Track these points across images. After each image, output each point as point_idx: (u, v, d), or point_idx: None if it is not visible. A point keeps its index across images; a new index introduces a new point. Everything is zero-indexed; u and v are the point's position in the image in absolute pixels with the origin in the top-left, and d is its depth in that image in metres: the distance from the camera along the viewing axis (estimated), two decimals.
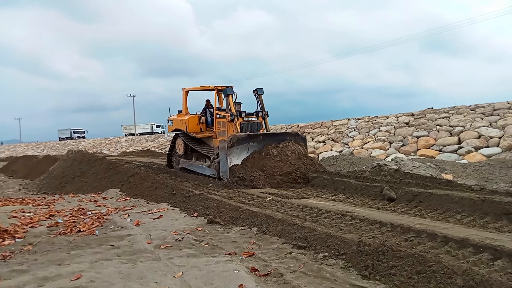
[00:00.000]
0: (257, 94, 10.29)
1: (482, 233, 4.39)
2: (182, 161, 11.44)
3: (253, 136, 9.01)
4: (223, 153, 8.75)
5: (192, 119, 11.32)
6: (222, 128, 10.36)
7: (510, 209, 5.06)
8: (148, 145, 28.03)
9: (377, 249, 3.82)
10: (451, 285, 3.11)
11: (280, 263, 4.10)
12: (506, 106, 14.34)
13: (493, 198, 5.46)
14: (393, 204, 6.26)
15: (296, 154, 9.24)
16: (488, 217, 5.11)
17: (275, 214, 5.60)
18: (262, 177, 8.35)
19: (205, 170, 9.93)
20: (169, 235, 5.31)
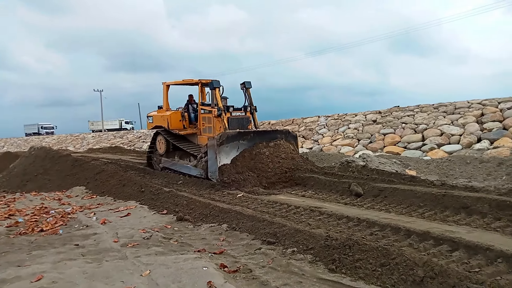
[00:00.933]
0: (244, 88, 9.73)
1: (442, 226, 4.60)
2: (164, 160, 10.72)
3: (244, 133, 8.50)
4: (212, 151, 8.18)
5: (174, 115, 10.61)
6: (207, 124, 9.71)
7: (468, 203, 5.33)
8: (116, 141, 27.29)
9: (343, 243, 3.91)
10: (412, 276, 3.24)
11: (250, 259, 4.12)
12: (466, 105, 15.02)
13: (452, 192, 5.73)
14: (360, 199, 6.43)
15: (289, 154, 8.81)
16: (448, 210, 5.35)
17: (245, 211, 5.61)
18: (253, 177, 7.87)
19: (190, 170, 9.31)
20: (136, 233, 5.21)
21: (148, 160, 11.76)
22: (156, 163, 11.25)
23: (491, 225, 4.64)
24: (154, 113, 11.39)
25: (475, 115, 14.00)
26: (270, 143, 8.67)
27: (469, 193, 5.68)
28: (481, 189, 6.19)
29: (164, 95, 11.10)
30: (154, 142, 11.33)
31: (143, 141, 24.45)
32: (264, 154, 8.37)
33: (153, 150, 11.50)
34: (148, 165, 11.64)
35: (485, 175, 7.84)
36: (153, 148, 11.45)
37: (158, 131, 11.03)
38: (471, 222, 4.80)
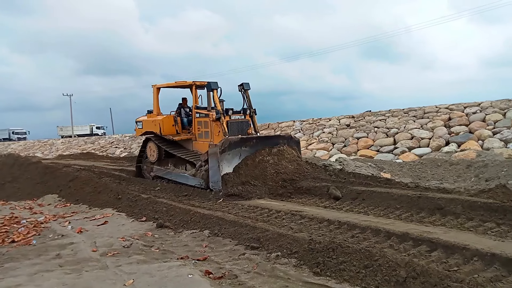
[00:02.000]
0: (243, 90, 9.12)
1: (420, 227, 4.76)
2: (156, 168, 9.96)
3: (246, 139, 8.00)
4: (213, 160, 7.57)
5: (167, 119, 9.91)
6: (203, 129, 9.02)
7: (442, 204, 5.54)
8: (87, 147, 26.50)
9: (327, 246, 3.97)
10: (395, 277, 3.33)
11: (234, 265, 4.11)
12: (434, 109, 15.64)
13: (427, 194, 5.94)
14: (338, 203, 6.55)
15: (295, 161, 8.26)
16: (424, 212, 5.54)
17: (226, 216, 5.60)
18: (259, 187, 7.34)
19: (188, 179, 8.61)
20: (116, 242, 5.07)
21: (137, 168, 10.96)
22: (147, 172, 10.55)
23: (464, 225, 4.85)
24: (143, 118, 10.70)
25: (443, 119, 14.59)
26: (272, 149, 8.13)
27: (442, 195, 5.91)
28: (452, 191, 6.46)
29: (154, 99, 10.41)
30: (144, 149, 10.60)
31: (115, 147, 23.89)
32: (268, 162, 7.84)
33: (142, 157, 10.78)
34: (138, 174, 10.81)
35: (455, 177, 8.19)
36: (143, 156, 10.76)
37: (148, 137, 10.32)
38: (446, 223, 5.00)
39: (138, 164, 10.97)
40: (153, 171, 10.06)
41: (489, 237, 4.31)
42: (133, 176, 10.63)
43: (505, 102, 13.36)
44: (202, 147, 8.79)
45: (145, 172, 10.64)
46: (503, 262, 3.46)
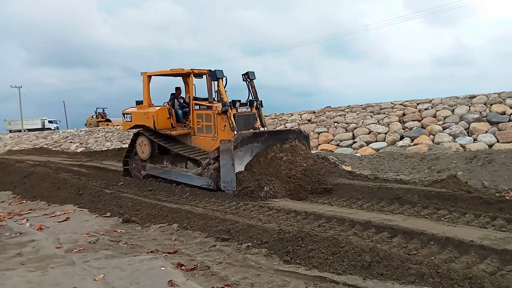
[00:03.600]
0: (248, 79, 8.27)
1: (381, 216, 5.05)
2: (149, 167, 8.84)
3: (258, 134, 7.30)
4: (226, 157, 6.77)
5: (162, 112, 8.77)
6: (205, 122, 8.08)
7: (400, 194, 5.90)
8: (39, 142, 25.07)
9: (296, 236, 4.12)
10: (361, 261, 3.53)
11: (205, 256, 4.15)
12: (390, 106, 16.40)
13: (386, 185, 6.30)
14: (303, 195, 6.73)
15: (310, 157, 7.60)
16: (384, 201, 5.87)
17: (195, 210, 5.61)
18: (277, 186, 6.57)
19: (192, 179, 7.61)
20: (81, 238, 4.94)
21: (125, 166, 9.73)
22: (136, 170, 9.40)
23: (420, 213, 5.21)
24: (132, 110, 9.45)
25: (398, 115, 15.34)
26: (284, 145, 7.48)
27: (400, 185, 6.29)
28: (409, 182, 6.88)
29: (145, 88, 9.18)
30: (133, 145, 9.47)
31: (71, 142, 22.80)
32: (281, 159, 7.17)
33: (131, 154, 9.64)
34: (125, 173, 9.65)
35: (410, 169, 8.71)
36: (131, 152, 9.61)
37: (139, 131, 9.17)
38: (404, 211, 5.34)
39: (126, 160, 9.75)
40: (146, 169, 8.94)
41: (443, 223, 4.67)
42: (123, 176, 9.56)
43: (454, 99, 14.28)
44: (203, 142, 8.11)
45: (134, 171, 9.53)
46: (456, 244, 3.79)
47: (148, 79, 9.10)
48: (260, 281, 3.45)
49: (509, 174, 7.17)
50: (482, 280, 2.94)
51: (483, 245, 3.66)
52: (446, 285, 3.05)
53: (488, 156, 8.09)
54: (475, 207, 5.26)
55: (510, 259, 3.40)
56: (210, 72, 7.77)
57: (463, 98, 13.98)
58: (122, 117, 9.84)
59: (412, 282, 3.18)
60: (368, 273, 3.40)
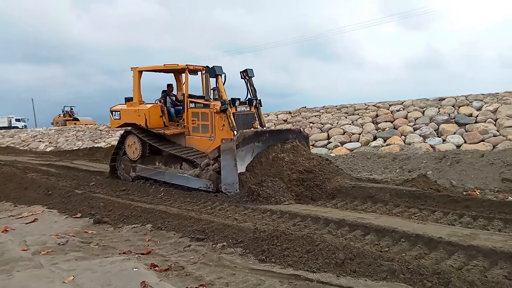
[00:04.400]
0: (247, 77, 7.93)
1: (354, 214, 5.14)
2: (140, 168, 8.30)
3: (260, 134, 7.00)
4: (228, 157, 6.39)
5: (154, 109, 8.26)
6: (201, 121, 7.68)
7: (372, 193, 6.04)
8: (6, 141, 24.02)
9: (271, 235, 4.14)
10: (334, 259, 3.58)
11: (180, 257, 4.10)
12: (364, 107, 16.75)
13: (360, 184, 6.42)
14: None
15: (313, 158, 7.29)
16: (357, 200, 5.99)
17: (169, 210, 5.53)
18: (282, 188, 6.22)
19: (189, 181, 7.14)
20: (49, 240, 4.76)
21: (112, 168, 9.16)
22: (125, 172, 8.83)
23: (392, 211, 5.35)
24: (121, 107, 8.85)
25: (371, 116, 15.69)
26: (285, 145, 7.21)
27: (373, 184, 6.43)
28: (381, 181, 7.05)
29: (135, 84, 8.62)
30: (121, 144, 8.92)
31: (39, 141, 21.98)
32: (283, 160, 6.86)
33: (118, 154, 9.07)
34: (112, 175, 9.10)
35: (383, 169, 8.92)
36: (119, 153, 9.04)
37: (129, 130, 8.64)
38: (377, 210, 5.47)
39: (113, 161, 9.15)
40: (136, 171, 8.39)
41: (413, 220, 4.81)
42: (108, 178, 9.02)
43: (424, 101, 14.75)
44: (198, 143, 7.76)
45: (122, 172, 8.94)
46: (425, 241, 3.90)
47: (138, 74, 8.60)
48: (235, 280, 3.43)
49: (475, 174, 7.47)
50: (449, 275, 3.04)
51: (451, 241, 3.79)
52: (416, 280, 3.13)
53: (456, 156, 8.39)
54: (443, 205, 5.45)
55: (475, 254, 3.54)
56: (209, 69, 7.34)
57: (433, 100, 14.47)
58: (110, 114, 9.15)
59: (384, 278, 3.25)
60: (342, 271, 3.45)
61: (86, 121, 32.38)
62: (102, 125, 22.20)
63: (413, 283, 3.12)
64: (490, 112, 12.28)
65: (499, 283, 2.89)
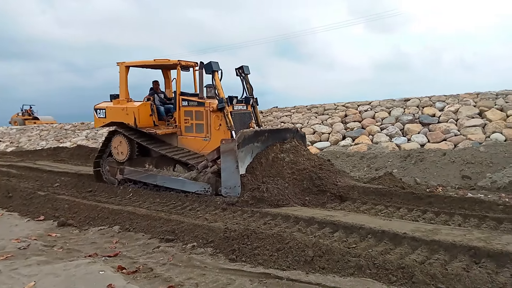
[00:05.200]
0: (243, 74, 7.58)
1: (323, 212, 5.24)
2: (128, 170, 7.68)
3: (259, 133, 6.71)
4: (229, 158, 6.01)
5: (144, 108, 7.74)
6: (194, 120, 7.31)
7: (341, 191, 6.15)
8: None
9: (241, 234, 4.14)
10: (304, 256, 3.63)
11: (148, 258, 4.02)
12: (333, 107, 17.08)
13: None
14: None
15: (313, 159, 7.04)
16: (325, 198, 6.08)
17: (138, 210, 5.42)
18: (287, 190, 5.99)
19: (185, 184, 6.66)
20: (9, 244, 4.54)
21: (96, 169, 8.54)
22: (111, 174, 8.25)
23: (360, 208, 5.49)
24: (107, 105, 8.28)
25: (340, 116, 16.02)
26: (284, 145, 6.96)
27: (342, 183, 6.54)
28: (350, 179, 7.19)
29: (121, 80, 8.06)
30: (107, 145, 8.33)
31: None
32: (284, 160, 6.62)
33: (103, 156, 8.49)
34: (97, 177, 8.50)
35: (351, 167, 9.14)
36: (104, 154, 8.47)
37: (116, 129, 8.06)
38: (345, 207, 5.59)
39: (96, 164, 8.55)
40: (124, 173, 7.76)
41: (380, 217, 4.96)
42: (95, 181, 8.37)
43: (390, 101, 15.23)
44: (192, 143, 7.39)
45: (107, 175, 8.37)
46: (391, 237, 4.03)
47: (125, 70, 8.05)
48: (205, 280, 3.41)
49: (437, 171, 7.79)
50: (413, 269, 3.16)
51: (415, 236, 3.93)
52: (382, 275, 3.23)
53: (420, 155, 8.72)
54: (408, 202, 5.65)
55: (437, 248, 3.69)
56: (205, 64, 6.91)
57: (399, 100, 14.97)
58: (94, 113, 8.50)
59: (351, 274, 3.33)
60: (311, 268, 3.50)
61: (46, 120, 31.05)
62: (68, 124, 21.41)
63: (379, 278, 3.22)
64: (451, 113, 12.86)
65: (458, 275, 3.02)
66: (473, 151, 8.32)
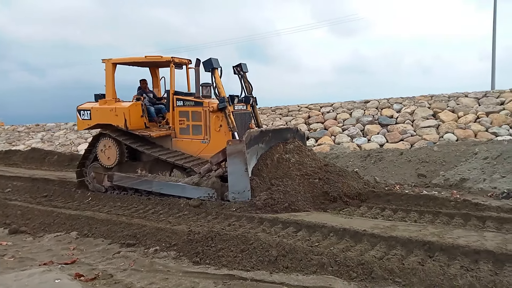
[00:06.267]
0: (241, 72, 7.18)
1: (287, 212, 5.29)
2: (118, 176, 7.01)
3: (264, 134, 6.38)
4: (237, 161, 5.65)
5: (135, 108, 7.15)
6: (191, 121, 6.86)
7: None
8: None
9: (206, 236, 4.10)
10: (268, 256, 3.66)
11: (108, 264, 3.89)
12: (297, 108, 17.37)
13: None
14: None
15: (318, 159, 6.77)
16: None
17: (98, 215, 5.24)
18: (300, 193, 5.68)
19: (185, 190, 6.15)
20: None
21: (79, 176, 7.73)
22: (97, 181, 7.47)
23: (321, 207, 5.59)
24: (92, 105, 7.55)
25: (304, 117, 16.31)
26: (287, 145, 6.65)
27: None
28: None
29: (108, 79, 7.41)
30: (92, 148, 7.59)
31: None
32: (289, 161, 6.30)
33: (87, 160, 7.72)
34: (81, 184, 7.70)
35: None
36: (87, 159, 7.70)
37: (103, 132, 7.32)
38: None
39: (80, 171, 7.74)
40: (113, 180, 7.04)
41: (341, 216, 5.09)
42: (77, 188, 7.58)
43: (351, 103, 15.72)
44: (188, 146, 6.90)
45: (92, 181, 7.57)
46: (352, 234, 4.15)
47: (112, 67, 7.39)
48: (168, 285, 3.35)
49: (395, 170, 8.13)
50: (372, 264, 3.27)
51: (374, 233, 4.08)
52: (343, 272, 3.32)
53: (379, 154, 9.06)
54: (368, 200, 5.84)
55: (395, 244, 3.85)
56: (204, 61, 6.50)
57: (359, 102, 15.47)
58: (77, 114, 7.73)
59: (314, 272, 3.39)
60: (275, 267, 3.53)
61: None
62: (21, 126, 20.29)
63: (340, 275, 3.30)
64: (408, 114, 13.46)
65: (413, 269, 3.17)
66: (428, 151, 8.75)
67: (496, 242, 3.78)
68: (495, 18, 20.61)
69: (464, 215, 4.81)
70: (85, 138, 18.91)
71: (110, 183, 7.13)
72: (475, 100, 13.25)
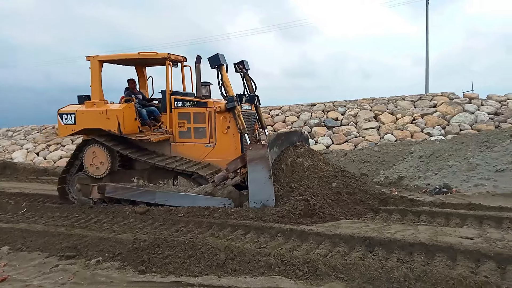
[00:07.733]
0: (244, 70, 6.72)
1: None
2: (111, 187, 6.27)
3: (279, 136, 6.04)
4: (259, 167, 5.16)
5: (129, 110, 6.45)
6: (193, 124, 6.27)
7: None
8: None
9: (152, 243, 4.00)
10: (216, 261, 3.65)
11: (45, 279, 3.66)
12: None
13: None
14: None
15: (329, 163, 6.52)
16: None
17: (33, 227, 4.89)
18: (328, 200, 5.26)
19: (196, 200, 5.54)
20: None
21: (61, 188, 6.82)
22: (82, 194, 6.67)
23: None
24: (77, 108, 6.69)
25: None
26: (297, 149, 6.32)
27: None
28: None
29: (94, 79, 6.62)
30: (77, 157, 6.81)
31: None
32: (303, 165, 5.95)
33: (70, 172, 6.88)
34: (62, 197, 6.81)
35: None
36: (72, 169, 6.88)
37: (91, 138, 6.59)
38: None
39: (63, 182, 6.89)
40: (105, 191, 6.29)
41: None
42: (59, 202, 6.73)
43: (299, 106, 16.15)
44: (190, 151, 6.31)
45: (77, 195, 6.74)
46: (298, 234, 4.26)
47: (99, 65, 6.61)
48: None
49: None
50: (317, 262, 3.38)
51: (319, 232, 4.21)
52: (290, 271, 3.39)
53: (325, 155, 9.38)
54: None
55: (338, 241, 4.00)
56: (210, 57, 5.94)
57: (307, 105, 15.93)
58: (59, 118, 6.79)
59: (262, 273, 3.43)
60: (223, 271, 3.53)
61: None
62: None
63: (287, 274, 3.37)
64: (352, 116, 14.10)
65: (355, 264, 3.32)
66: (369, 151, 9.24)
67: (428, 235, 4.08)
68: (427, 29, 22.34)
69: (401, 210, 5.13)
70: (21, 144, 17.58)
71: (100, 195, 6.42)
72: (411, 103, 14.22)
